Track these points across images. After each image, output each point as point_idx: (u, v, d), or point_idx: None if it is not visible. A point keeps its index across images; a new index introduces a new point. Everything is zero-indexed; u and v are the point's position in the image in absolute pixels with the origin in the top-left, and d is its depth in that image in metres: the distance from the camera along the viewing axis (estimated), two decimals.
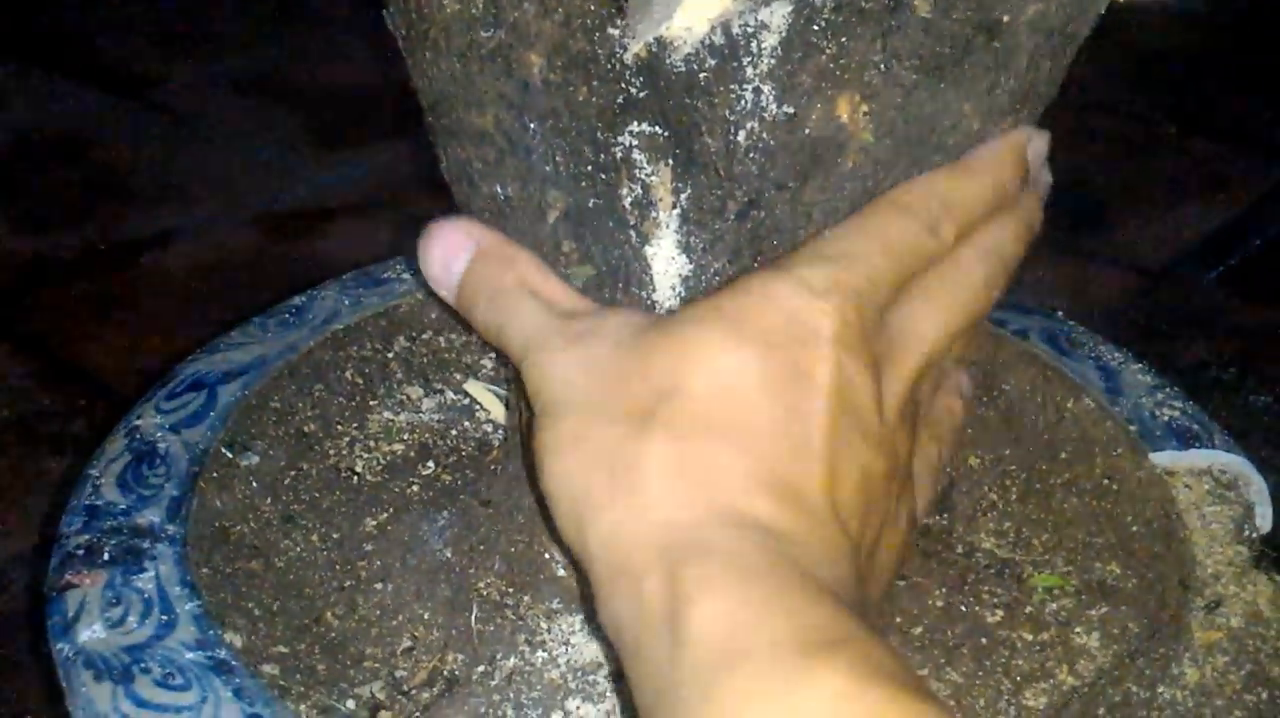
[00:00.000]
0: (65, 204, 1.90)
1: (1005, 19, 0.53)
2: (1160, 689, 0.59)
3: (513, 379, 0.71)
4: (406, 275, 0.87)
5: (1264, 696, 0.59)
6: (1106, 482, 0.76)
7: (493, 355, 0.89)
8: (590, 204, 0.61)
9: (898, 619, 0.70)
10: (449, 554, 0.72)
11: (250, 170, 2.05)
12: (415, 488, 0.77)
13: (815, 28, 0.58)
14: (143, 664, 0.57)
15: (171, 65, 2.37)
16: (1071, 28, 0.55)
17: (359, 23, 2.42)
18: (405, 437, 0.81)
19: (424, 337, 0.87)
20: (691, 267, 0.63)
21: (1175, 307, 1.69)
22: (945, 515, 0.81)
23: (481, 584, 0.69)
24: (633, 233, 0.63)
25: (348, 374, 0.82)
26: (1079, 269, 1.78)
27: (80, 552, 0.63)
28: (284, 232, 1.88)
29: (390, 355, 0.85)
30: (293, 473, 0.76)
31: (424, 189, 1.88)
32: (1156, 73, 2.28)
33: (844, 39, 0.57)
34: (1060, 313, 0.90)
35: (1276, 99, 2.17)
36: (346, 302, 0.84)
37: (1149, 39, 2.33)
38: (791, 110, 0.58)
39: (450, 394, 0.85)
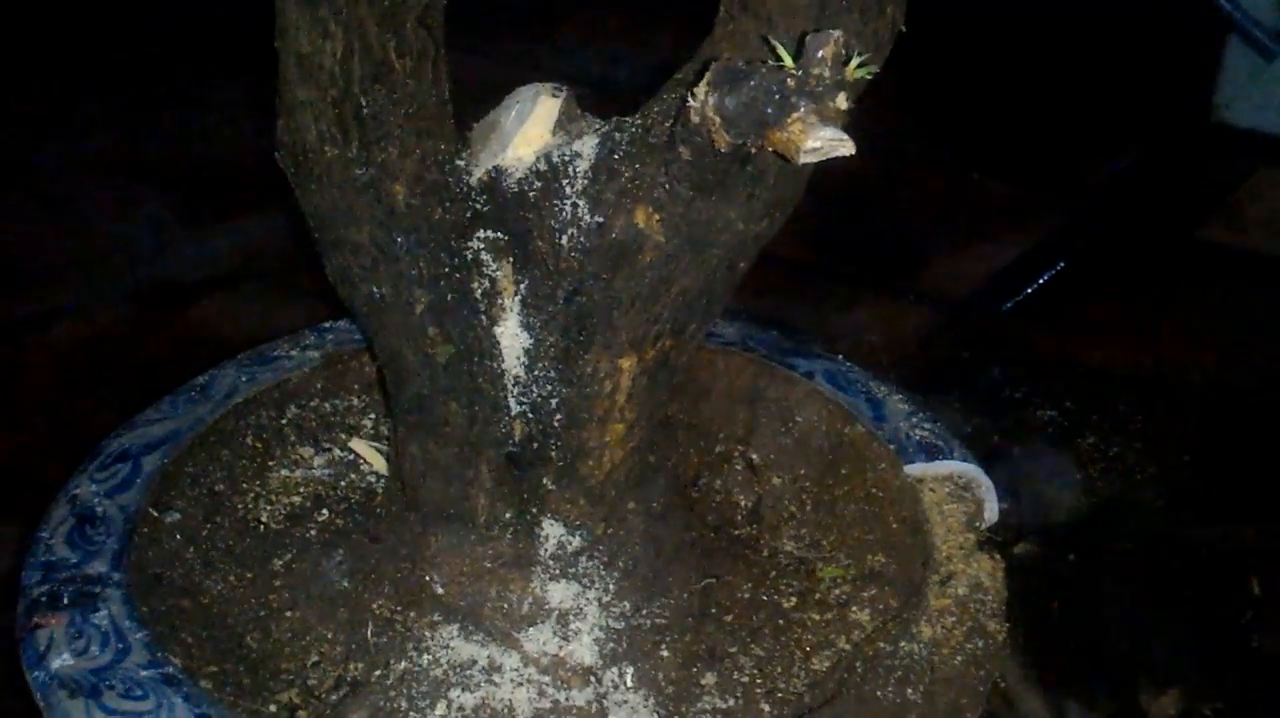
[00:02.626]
0: None
1: (754, 150, 0.72)
2: (902, 644, 0.78)
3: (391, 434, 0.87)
4: (294, 353, 1.02)
5: (980, 644, 0.79)
6: (874, 490, 0.95)
7: (372, 416, 1.05)
8: (449, 298, 0.77)
9: (712, 610, 0.88)
10: (346, 584, 0.87)
11: (122, 249, 2.13)
12: (313, 532, 0.92)
13: (616, 156, 0.76)
14: (108, 682, 0.71)
15: (37, 147, 2.44)
16: None
17: (216, 102, 2.53)
18: (301, 490, 0.96)
19: (312, 404, 1.02)
20: (531, 341, 0.81)
21: (975, 336, 1.89)
22: (754, 526, 0.99)
23: (375, 606, 0.85)
24: (484, 317, 0.80)
25: (249, 440, 0.97)
26: (891, 305, 1.97)
27: (44, 599, 0.77)
28: (159, 308, 1.97)
29: (284, 422, 1.00)
30: (209, 526, 0.90)
31: (288, 261, 2.01)
32: (962, 123, 2.51)
33: (638, 165, 0.75)
34: (841, 355, 1.09)
35: (1065, 144, 2.42)
36: (244, 378, 0.99)
37: (955, 90, 2.57)
38: (601, 219, 0.76)
39: (337, 452, 1.00)
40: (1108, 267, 2.02)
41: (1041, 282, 2.01)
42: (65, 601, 0.77)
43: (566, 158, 0.77)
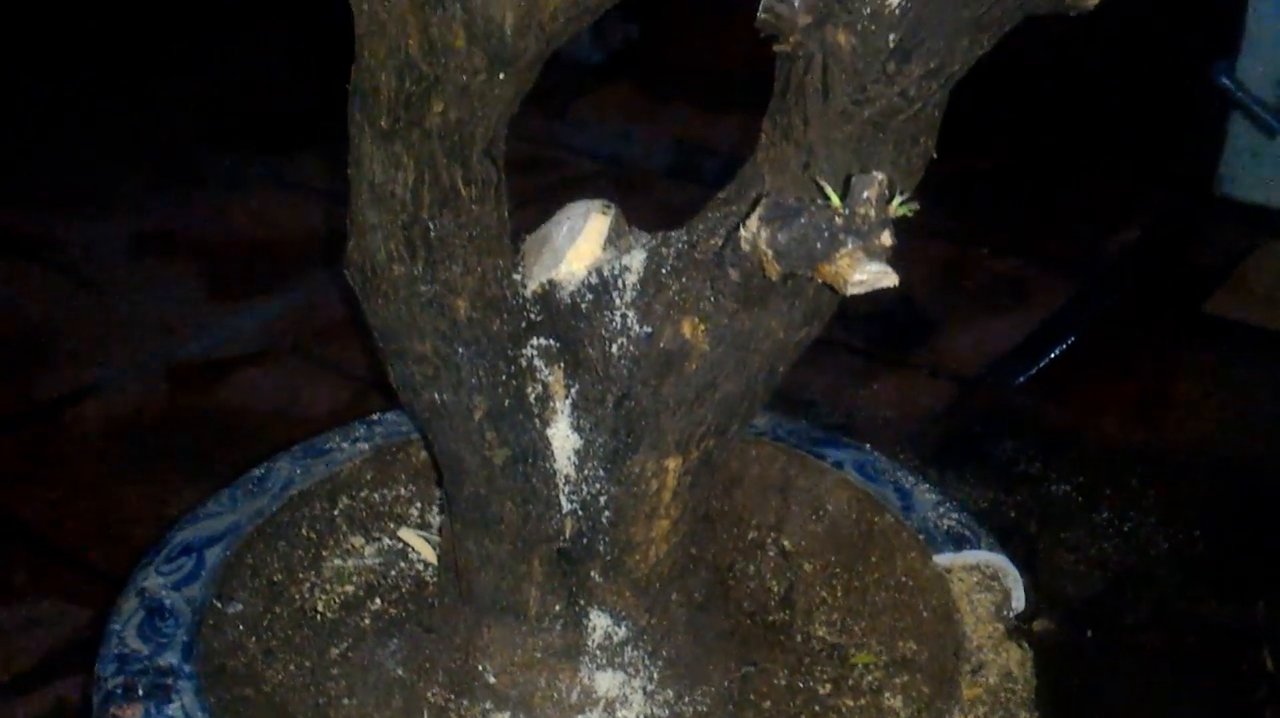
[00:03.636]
0: None
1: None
2: None
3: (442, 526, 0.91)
4: (345, 445, 1.07)
5: None
6: (904, 578, 0.99)
7: (419, 505, 1.09)
8: (505, 403, 0.82)
9: (751, 697, 0.92)
10: (401, 672, 0.91)
11: (152, 325, 2.17)
12: (367, 621, 0.97)
13: (664, 271, 0.80)
14: None
15: (66, 226, 2.49)
16: None
17: (245, 180, 2.60)
18: (354, 579, 1.00)
19: (362, 494, 1.07)
20: (582, 442, 0.85)
21: (987, 410, 1.93)
22: (788, 612, 1.03)
23: (429, 694, 0.89)
24: (537, 420, 0.84)
25: (304, 531, 1.01)
26: (905, 379, 2.01)
27: (119, 691, 0.81)
28: (191, 383, 2.01)
29: (336, 512, 1.04)
30: (269, 616, 0.94)
31: (316, 336, 2.05)
32: (970, 198, 2.56)
33: (684, 279, 0.79)
34: (869, 445, 1.13)
35: (1071, 219, 2.47)
36: (298, 470, 1.03)
37: (963, 165, 2.63)
38: (649, 329, 0.81)
39: (387, 541, 1.05)
40: (1116, 341, 2.06)
41: (1052, 356, 2.05)
42: (140, 692, 0.81)
43: (616, 272, 0.82)
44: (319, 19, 1.73)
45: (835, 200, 0.62)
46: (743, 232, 0.66)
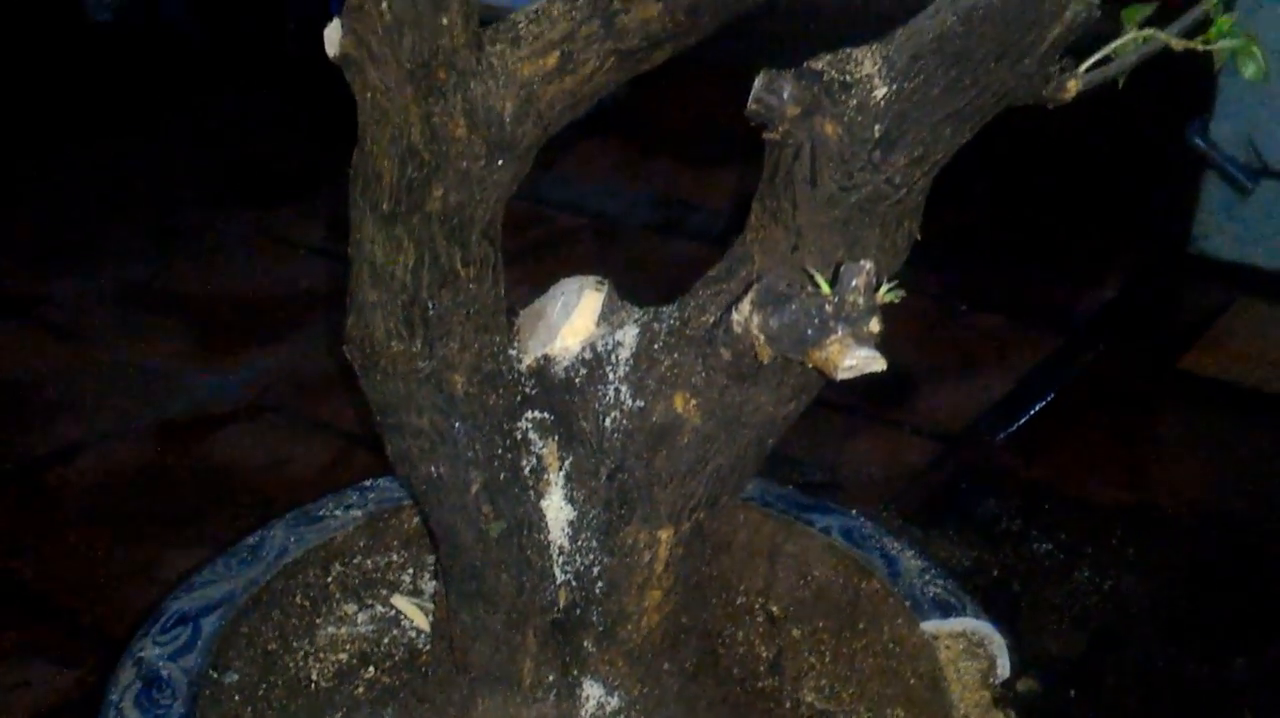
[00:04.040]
0: None
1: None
2: None
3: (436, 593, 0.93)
4: (338, 512, 1.08)
5: None
6: (892, 645, 1.00)
7: (411, 571, 1.10)
8: (501, 477, 0.84)
9: None
10: None
11: (139, 381, 2.17)
12: (361, 690, 0.97)
13: (656, 347, 0.82)
14: None
15: (52, 281, 2.49)
16: None
17: (226, 235, 2.61)
18: (348, 647, 1.01)
19: (355, 561, 1.08)
20: (575, 513, 0.87)
21: (969, 467, 1.94)
22: (776, 677, 1.05)
23: None
24: (531, 492, 0.86)
25: (298, 599, 1.02)
26: (889, 437, 2.03)
27: None
28: (179, 440, 2.00)
29: (329, 580, 1.05)
30: (264, 686, 0.95)
31: (305, 393, 2.06)
32: (950, 255, 2.59)
33: (676, 355, 0.81)
34: (855, 511, 1.15)
35: (1048, 275, 2.51)
36: (292, 539, 1.04)
37: (941, 223, 2.66)
38: (642, 403, 0.83)
39: (379, 608, 1.06)
40: (1095, 397, 2.09)
41: (1032, 413, 2.07)
42: None
43: (610, 347, 0.84)
44: (309, 78, 1.76)
45: (825, 288, 0.64)
46: (735, 315, 0.69)
